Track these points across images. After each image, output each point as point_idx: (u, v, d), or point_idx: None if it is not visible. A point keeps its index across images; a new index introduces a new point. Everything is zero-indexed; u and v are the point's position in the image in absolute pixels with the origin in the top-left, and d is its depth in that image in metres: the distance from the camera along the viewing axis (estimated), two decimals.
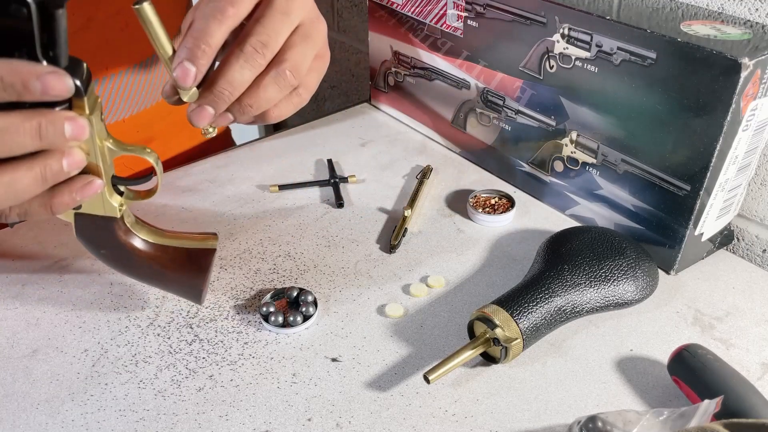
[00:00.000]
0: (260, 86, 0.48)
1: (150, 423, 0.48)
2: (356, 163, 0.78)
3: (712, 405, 0.41)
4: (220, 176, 0.76)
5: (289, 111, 0.51)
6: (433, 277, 0.60)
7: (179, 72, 0.45)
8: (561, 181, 0.68)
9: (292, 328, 0.55)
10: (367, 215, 0.69)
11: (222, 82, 0.46)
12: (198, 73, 0.45)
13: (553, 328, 0.53)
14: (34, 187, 0.41)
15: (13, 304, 0.58)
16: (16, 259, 0.63)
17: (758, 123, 0.55)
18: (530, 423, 0.48)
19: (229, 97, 0.47)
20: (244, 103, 0.48)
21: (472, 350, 0.50)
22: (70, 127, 0.41)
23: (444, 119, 0.80)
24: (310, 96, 0.52)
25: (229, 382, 0.51)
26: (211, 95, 0.47)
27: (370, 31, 0.85)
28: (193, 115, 0.47)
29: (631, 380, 0.51)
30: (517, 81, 0.69)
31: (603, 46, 0.59)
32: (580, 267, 0.55)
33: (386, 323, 0.56)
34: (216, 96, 0.47)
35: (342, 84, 1.22)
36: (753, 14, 0.59)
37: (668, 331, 0.55)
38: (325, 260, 0.63)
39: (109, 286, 0.60)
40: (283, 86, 0.48)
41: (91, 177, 0.45)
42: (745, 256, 0.67)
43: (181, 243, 0.53)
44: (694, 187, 0.56)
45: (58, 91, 0.39)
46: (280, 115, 0.51)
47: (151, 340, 0.54)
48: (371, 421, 0.48)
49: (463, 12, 0.71)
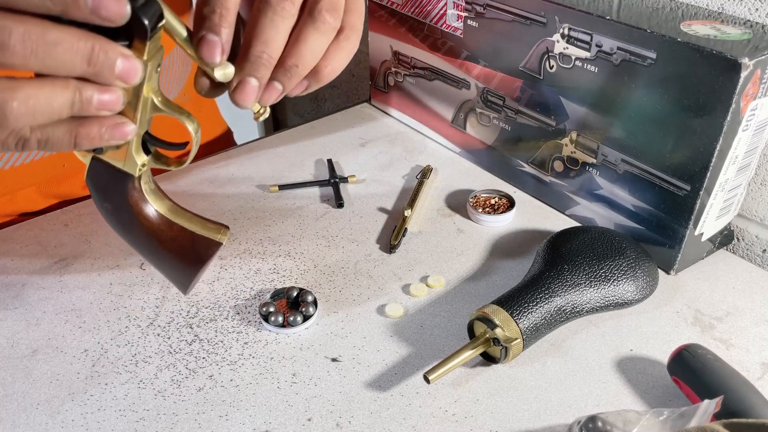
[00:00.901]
0: (299, 39, 0.42)
1: (150, 423, 0.48)
2: (356, 163, 0.78)
3: (712, 405, 0.41)
4: (220, 176, 0.76)
5: (342, 60, 0.45)
6: (433, 277, 0.60)
7: (203, 48, 0.40)
8: (561, 181, 0.68)
9: (292, 328, 0.55)
10: (367, 215, 0.69)
11: (256, 44, 0.41)
12: (224, 42, 0.40)
13: (553, 328, 0.53)
14: (63, 108, 0.38)
15: (13, 304, 0.58)
16: (16, 259, 0.63)
17: (758, 123, 0.55)
18: (530, 423, 0.48)
19: (268, 59, 0.41)
20: (288, 64, 0.42)
21: (472, 350, 0.50)
22: (122, 63, 0.37)
23: (444, 119, 0.80)
24: (359, 38, 0.45)
25: (229, 382, 0.51)
26: (248, 64, 0.41)
27: (370, 31, 0.85)
28: (237, 94, 0.42)
29: (631, 380, 0.51)
30: (517, 81, 0.69)
31: (603, 46, 0.59)
32: (580, 267, 0.55)
33: (386, 323, 0.56)
34: (254, 63, 0.41)
35: (342, 84, 1.22)
36: (753, 14, 0.59)
37: (668, 331, 0.55)
38: (325, 260, 0.63)
39: (109, 286, 0.60)
40: (324, 31, 0.42)
41: (126, 119, 0.41)
42: (745, 256, 0.67)
43: (190, 225, 0.50)
44: (694, 187, 0.56)
45: (109, 14, 0.35)
46: (333, 69, 0.45)
47: (151, 340, 0.54)
48: (371, 421, 0.48)
49: (463, 12, 0.71)
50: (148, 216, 0.48)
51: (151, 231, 0.49)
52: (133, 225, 0.48)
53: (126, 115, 0.42)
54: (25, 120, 0.37)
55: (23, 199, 0.70)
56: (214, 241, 0.50)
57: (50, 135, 0.40)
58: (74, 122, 0.40)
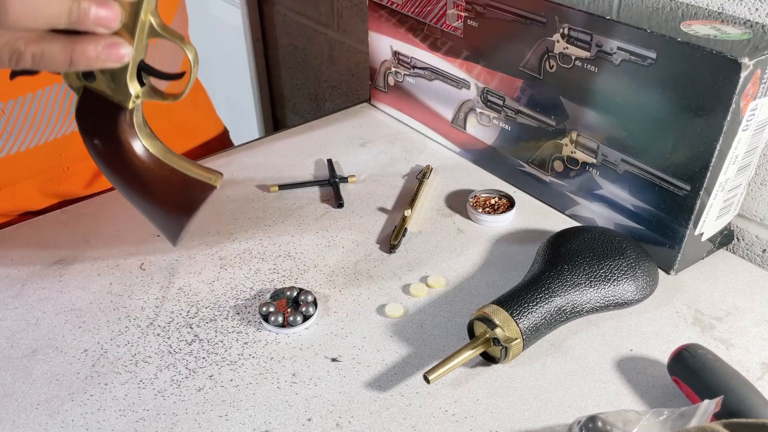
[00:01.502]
0: None
1: (150, 423, 0.48)
2: (356, 163, 0.78)
3: (712, 405, 0.41)
4: None
5: None
6: (433, 277, 0.60)
7: None
8: (561, 181, 0.68)
9: (292, 328, 0.55)
10: (367, 215, 0.69)
11: None
12: None
13: (553, 328, 0.53)
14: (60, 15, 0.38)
15: (13, 304, 0.58)
16: (16, 259, 0.63)
17: (758, 123, 0.55)
18: (530, 423, 0.48)
19: None
20: None
21: (472, 350, 0.50)
22: None
23: (444, 119, 0.80)
24: None
25: (229, 382, 0.51)
26: None
27: (370, 31, 0.85)
28: None
29: (631, 380, 0.51)
30: (517, 81, 0.69)
31: (603, 46, 0.59)
32: (580, 267, 0.55)
33: (386, 323, 0.56)
34: None
35: (342, 84, 1.22)
36: (753, 14, 0.59)
37: (668, 331, 0.55)
38: (325, 260, 0.63)
39: (109, 286, 0.60)
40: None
41: (122, 40, 0.41)
42: (745, 256, 0.67)
43: (182, 167, 0.47)
44: (694, 187, 0.56)
45: None
46: None
47: (151, 340, 0.54)
48: (371, 421, 0.48)
49: (463, 12, 0.71)
50: (138, 154, 0.46)
51: (141, 170, 0.47)
52: (123, 163, 0.46)
53: (122, 37, 0.41)
54: (23, 21, 0.38)
55: (23, 197, 0.70)
56: (208, 185, 0.48)
57: (45, 50, 0.40)
58: (70, 39, 0.40)
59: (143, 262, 0.62)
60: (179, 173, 0.47)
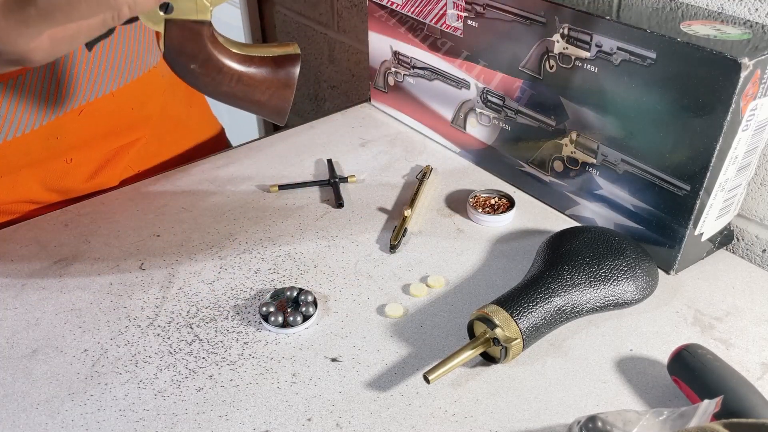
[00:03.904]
0: None
1: (150, 423, 0.48)
2: (356, 163, 0.78)
3: (712, 405, 0.41)
4: (220, 176, 0.76)
5: None
6: (433, 277, 0.60)
7: None
8: (561, 181, 0.68)
9: (292, 328, 0.55)
10: (367, 215, 0.69)
11: None
12: None
13: (553, 328, 0.53)
14: None
15: (13, 304, 0.58)
16: (16, 259, 0.63)
17: (758, 123, 0.55)
18: (530, 423, 0.48)
19: None
20: None
21: (472, 350, 0.50)
22: None
23: (444, 119, 0.80)
24: None
25: (229, 382, 0.51)
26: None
27: (370, 31, 0.85)
28: None
29: (631, 380, 0.51)
30: (517, 81, 0.69)
31: (603, 46, 0.59)
32: (580, 267, 0.55)
33: (386, 323, 0.56)
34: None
35: (342, 84, 1.22)
36: (753, 14, 0.59)
37: (668, 331, 0.55)
38: (325, 260, 0.63)
39: (109, 286, 0.60)
40: None
41: None
42: (744, 256, 0.67)
43: (265, 52, 0.51)
44: (694, 187, 0.56)
45: None
46: None
47: (151, 340, 0.54)
48: (371, 421, 0.48)
49: (463, 12, 0.71)
50: (231, 58, 0.50)
51: (240, 72, 0.50)
52: (222, 74, 0.50)
53: None
54: None
55: (24, 188, 0.70)
56: (294, 55, 0.51)
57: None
58: None
59: (143, 262, 0.62)
60: (267, 58, 0.51)
